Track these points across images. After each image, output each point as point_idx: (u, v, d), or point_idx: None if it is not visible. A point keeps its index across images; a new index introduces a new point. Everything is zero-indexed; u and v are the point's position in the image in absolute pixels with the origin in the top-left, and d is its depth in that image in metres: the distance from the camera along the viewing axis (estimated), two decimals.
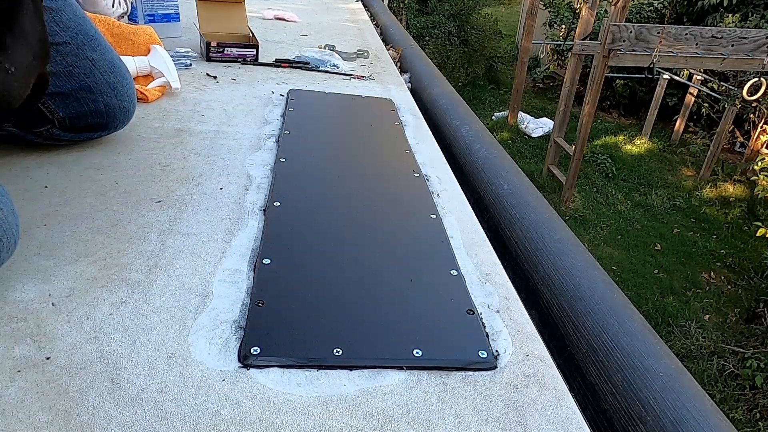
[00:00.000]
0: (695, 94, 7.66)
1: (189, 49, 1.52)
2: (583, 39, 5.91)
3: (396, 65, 1.89)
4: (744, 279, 5.30)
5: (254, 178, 0.95)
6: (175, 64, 1.31)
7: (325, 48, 1.82)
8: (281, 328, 0.61)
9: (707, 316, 4.77)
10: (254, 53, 1.58)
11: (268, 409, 0.52)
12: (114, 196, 0.83)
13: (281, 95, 1.37)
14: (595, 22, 6.12)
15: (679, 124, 8.12)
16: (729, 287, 5.21)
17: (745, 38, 4.82)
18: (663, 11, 8.07)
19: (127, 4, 1.51)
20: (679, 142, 8.18)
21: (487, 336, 0.66)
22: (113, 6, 1.44)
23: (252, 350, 0.57)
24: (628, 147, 7.99)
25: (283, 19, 2.25)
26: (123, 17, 1.49)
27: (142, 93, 1.17)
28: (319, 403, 0.54)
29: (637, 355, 0.68)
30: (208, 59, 1.55)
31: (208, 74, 1.45)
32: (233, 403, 0.52)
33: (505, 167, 1.17)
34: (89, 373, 0.53)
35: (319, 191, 0.92)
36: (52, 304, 0.61)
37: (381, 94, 1.48)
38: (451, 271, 0.76)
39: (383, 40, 2.27)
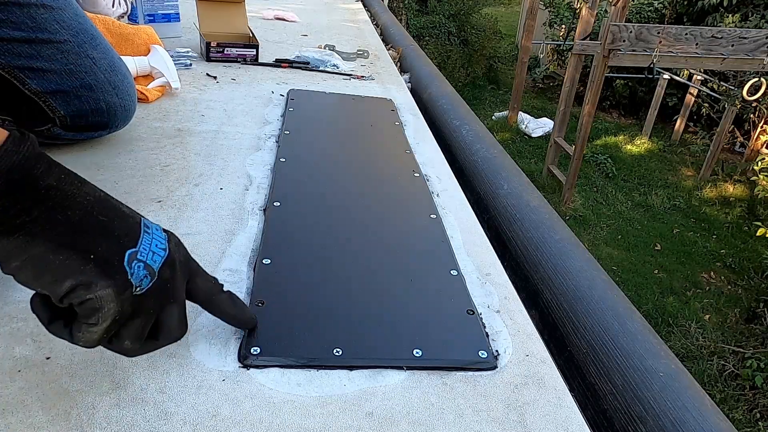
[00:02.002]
0: (695, 94, 7.66)
1: (189, 49, 1.52)
2: (583, 39, 5.91)
3: (396, 65, 1.89)
4: (744, 279, 5.30)
5: (254, 178, 0.95)
6: (175, 64, 1.31)
7: (325, 48, 1.82)
8: (281, 328, 0.61)
9: (707, 316, 4.77)
10: (254, 53, 1.58)
11: (268, 409, 0.52)
12: (114, 196, 0.83)
13: (281, 95, 1.37)
14: (595, 22, 6.12)
15: (679, 124, 8.12)
16: (729, 287, 5.21)
17: (745, 38, 4.82)
18: (663, 11, 8.07)
19: (127, 4, 1.51)
20: (679, 142, 8.18)
21: (487, 336, 0.66)
22: (113, 6, 1.44)
23: (252, 350, 0.57)
24: (628, 147, 7.99)
25: (283, 19, 2.25)
26: (123, 17, 1.50)
27: (142, 93, 1.18)
28: (319, 403, 0.54)
29: (637, 355, 0.68)
30: (208, 59, 1.55)
31: (208, 74, 1.45)
32: (233, 403, 0.52)
33: (505, 167, 1.17)
34: (89, 373, 0.53)
35: (319, 191, 0.92)
36: None
37: (381, 94, 1.48)
38: (451, 271, 0.76)
39: (383, 40, 2.27)
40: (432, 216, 0.90)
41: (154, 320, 0.49)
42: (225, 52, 1.55)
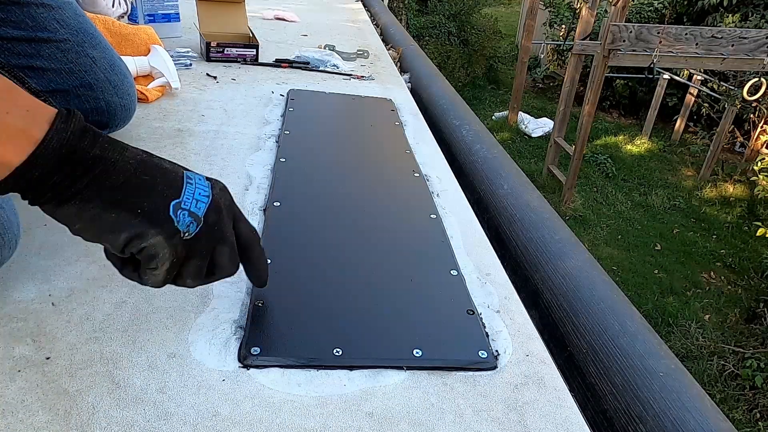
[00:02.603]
0: (695, 94, 7.66)
1: (189, 49, 1.52)
2: (583, 39, 5.91)
3: (396, 65, 1.89)
4: (744, 279, 5.30)
5: (254, 178, 0.95)
6: (175, 64, 1.31)
7: (325, 48, 1.82)
8: (281, 328, 0.61)
9: (707, 316, 4.77)
10: (254, 53, 1.58)
11: (268, 409, 0.52)
12: None
13: (281, 95, 1.37)
14: (595, 22, 6.12)
15: (679, 124, 8.12)
16: (729, 287, 5.21)
17: (745, 38, 4.82)
18: (663, 11, 8.07)
19: (127, 4, 1.51)
20: (679, 142, 8.18)
21: (487, 336, 0.66)
22: (113, 6, 1.44)
23: (252, 350, 0.57)
24: (628, 147, 7.99)
25: (283, 19, 2.25)
26: (123, 17, 1.49)
27: (142, 93, 1.18)
28: (319, 403, 0.54)
29: (637, 355, 0.68)
30: (208, 59, 1.55)
31: (208, 74, 1.45)
32: (233, 403, 0.52)
33: (505, 167, 1.17)
34: (89, 373, 0.53)
35: (319, 191, 0.92)
36: (52, 304, 0.61)
37: (381, 94, 1.48)
38: (451, 271, 0.76)
39: (383, 40, 2.27)
40: (432, 216, 0.90)
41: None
42: (225, 52, 1.55)
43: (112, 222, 0.46)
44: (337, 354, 0.59)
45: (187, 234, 0.49)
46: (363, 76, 1.61)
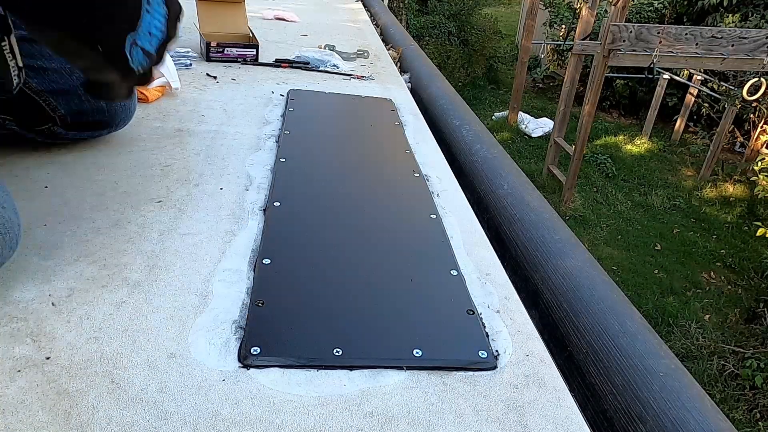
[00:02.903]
0: (695, 94, 7.66)
1: (189, 49, 1.52)
2: (583, 39, 5.91)
3: (396, 65, 1.89)
4: (744, 279, 5.29)
5: (254, 178, 0.95)
6: (175, 64, 1.31)
7: (325, 48, 1.82)
8: (281, 328, 0.61)
9: (707, 316, 4.77)
10: (254, 53, 1.58)
11: (268, 409, 0.52)
12: (114, 196, 0.83)
13: (281, 95, 1.37)
14: (595, 22, 6.12)
15: (679, 124, 8.12)
16: (729, 287, 5.21)
17: (745, 38, 4.82)
18: (663, 11, 8.07)
19: None
20: (679, 142, 8.18)
21: (487, 336, 0.66)
22: None
23: (252, 350, 0.57)
24: (628, 147, 7.99)
25: (283, 19, 2.25)
26: None
27: (142, 93, 1.18)
28: (319, 403, 0.54)
29: (637, 355, 0.68)
30: (208, 59, 1.55)
31: (208, 74, 1.45)
32: (233, 403, 0.52)
33: (505, 167, 1.17)
34: (89, 373, 0.53)
35: (319, 191, 0.92)
36: (52, 304, 0.61)
37: (381, 94, 1.48)
38: (451, 271, 0.76)
39: (383, 40, 2.27)
40: (432, 216, 0.90)
41: None
42: (225, 52, 1.55)
43: (73, 50, 0.50)
44: (337, 354, 0.59)
45: (141, 69, 0.53)
46: (363, 76, 1.61)
